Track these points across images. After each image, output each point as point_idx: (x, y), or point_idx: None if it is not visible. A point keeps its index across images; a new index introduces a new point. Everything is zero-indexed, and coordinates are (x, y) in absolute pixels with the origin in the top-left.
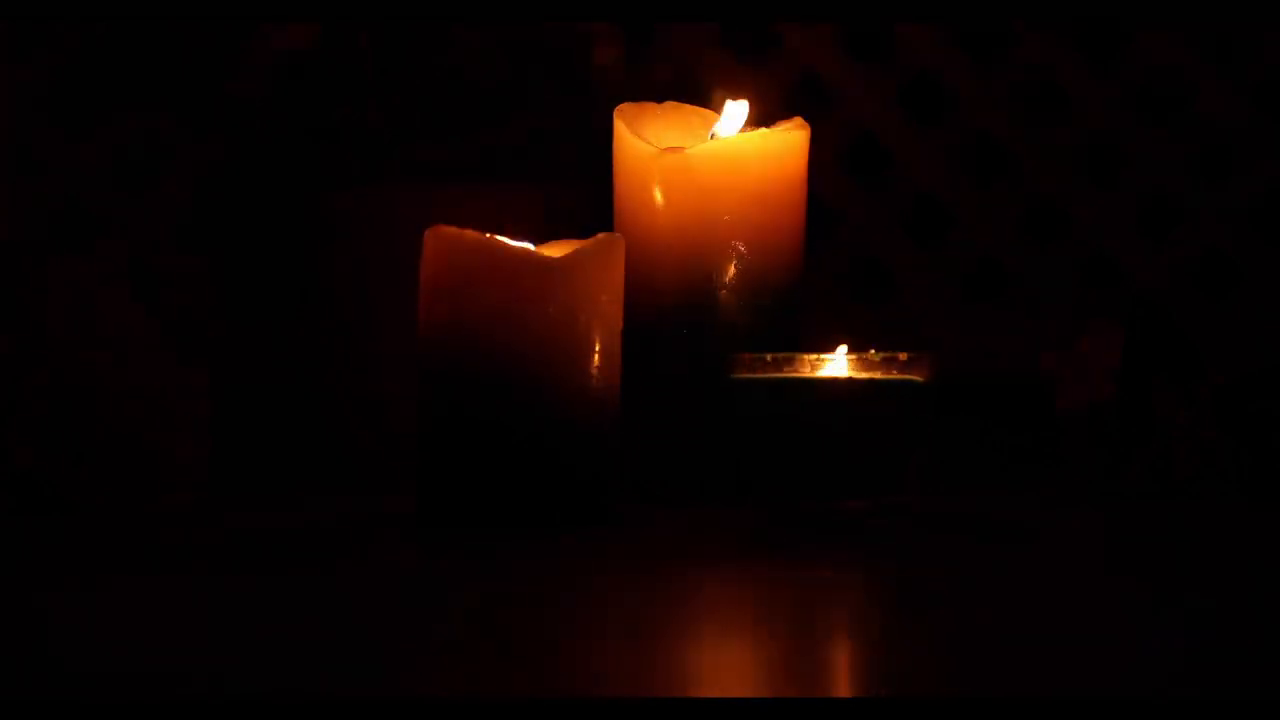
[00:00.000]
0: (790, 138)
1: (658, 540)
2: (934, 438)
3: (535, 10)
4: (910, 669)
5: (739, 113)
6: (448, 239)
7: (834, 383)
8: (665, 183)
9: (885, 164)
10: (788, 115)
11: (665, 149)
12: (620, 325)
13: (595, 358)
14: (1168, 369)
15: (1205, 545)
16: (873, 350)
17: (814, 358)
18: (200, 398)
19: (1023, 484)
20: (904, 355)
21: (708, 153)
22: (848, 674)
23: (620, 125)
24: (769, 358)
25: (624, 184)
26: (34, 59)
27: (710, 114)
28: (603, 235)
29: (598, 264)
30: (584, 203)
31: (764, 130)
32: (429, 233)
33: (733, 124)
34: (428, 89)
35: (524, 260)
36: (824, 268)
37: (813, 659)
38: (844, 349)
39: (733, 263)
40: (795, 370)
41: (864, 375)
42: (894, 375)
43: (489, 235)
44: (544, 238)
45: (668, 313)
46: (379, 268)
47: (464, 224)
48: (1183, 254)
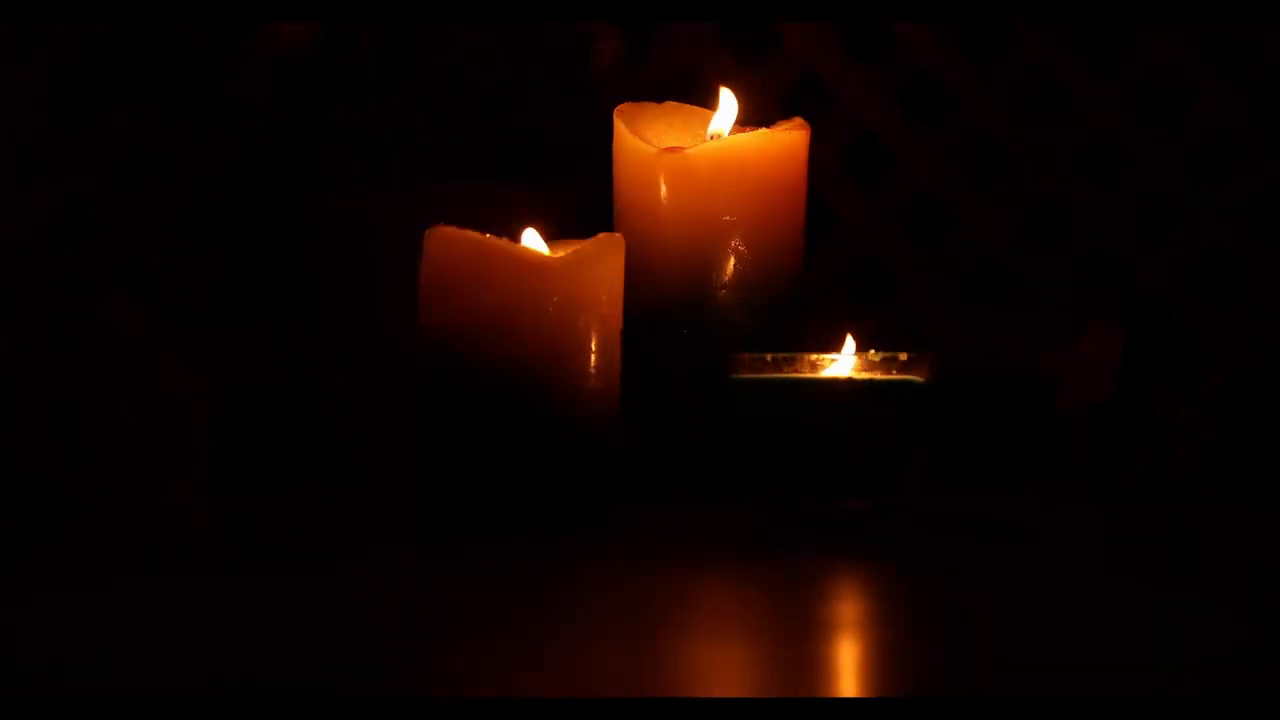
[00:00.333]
0: (790, 138)
1: (657, 540)
2: (934, 438)
3: (535, 10)
4: (910, 669)
5: (731, 103)
6: (448, 239)
7: (834, 383)
8: (665, 183)
9: (885, 164)
10: (788, 115)
11: (665, 149)
12: (620, 325)
13: (595, 358)
14: (1168, 369)
15: (1205, 545)
16: (873, 350)
17: (814, 358)
18: (200, 398)
19: (1023, 484)
20: (904, 355)
21: (708, 153)
22: (847, 674)
23: (620, 125)
24: (769, 358)
25: (624, 184)
26: (34, 59)
27: (710, 114)
28: (603, 235)
29: (598, 264)
30: (584, 202)
31: (764, 130)
32: (429, 233)
33: (727, 113)
34: (428, 89)
35: (524, 260)
36: (824, 268)
37: (813, 659)
38: (851, 343)
39: (733, 263)
40: (795, 370)
41: (864, 375)
42: (894, 375)
43: (489, 235)
44: (544, 238)
45: (668, 313)
46: (379, 268)
47: (464, 224)
48: (1183, 254)
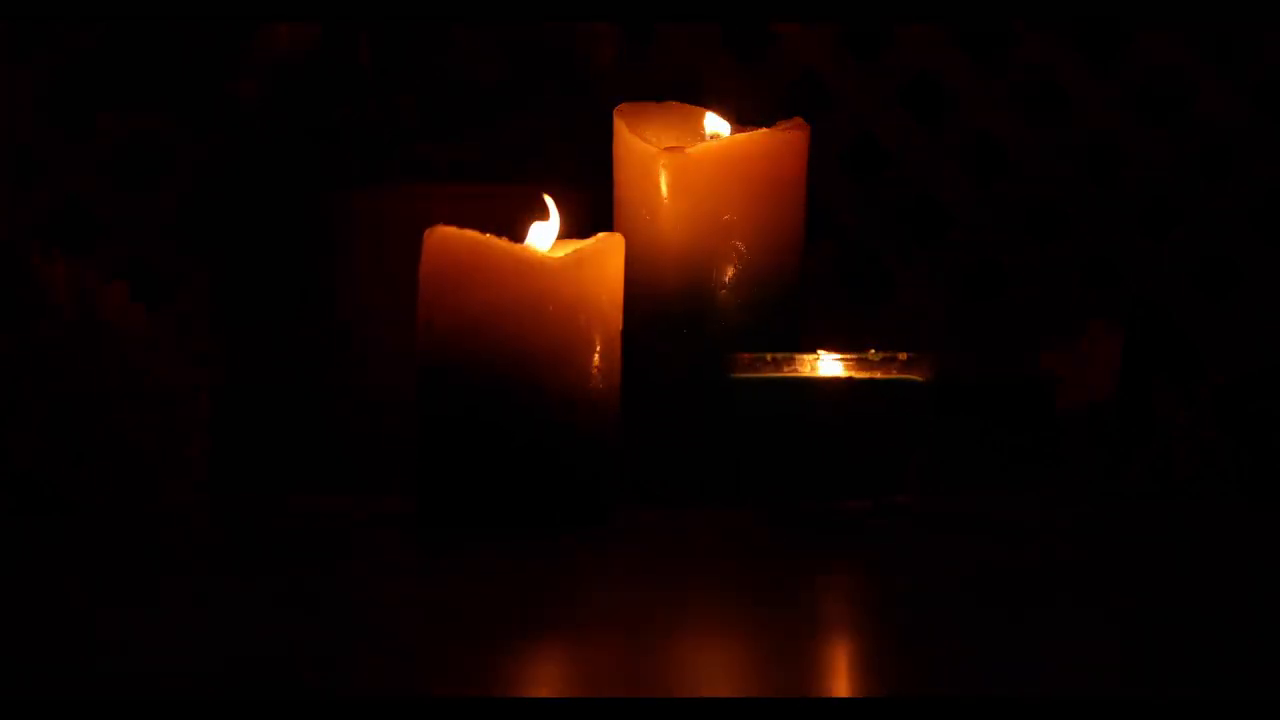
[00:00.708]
0: (790, 137)
1: (657, 540)
2: (934, 438)
3: (535, 10)
4: (910, 669)
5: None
6: (447, 239)
7: (834, 383)
8: (665, 183)
9: (885, 164)
10: (788, 115)
11: (665, 149)
12: (620, 325)
13: (595, 358)
14: (1168, 369)
15: (1205, 545)
16: (873, 350)
17: (814, 358)
18: (200, 398)
19: (1023, 484)
20: (904, 355)
21: (708, 152)
22: (847, 674)
23: (620, 125)
24: (769, 358)
25: (624, 184)
26: (34, 59)
27: (710, 114)
28: (602, 235)
29: (598, 264)
30: (584, 203)
31: (764, 130)
32: (429, 233)
33: (720, 124)
34: (428, 89)
35: (523, 260)
36: (824, 268)
37: (813, 659)
38: (823, 354)
39: (733, 263)
40: (795, 370)
41: (864, 375)
42: (894, 375)
43: (489, 235)
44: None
45: (668, 313)
46: (378, 268)
47: (464, 224)
48: (1183, 254)
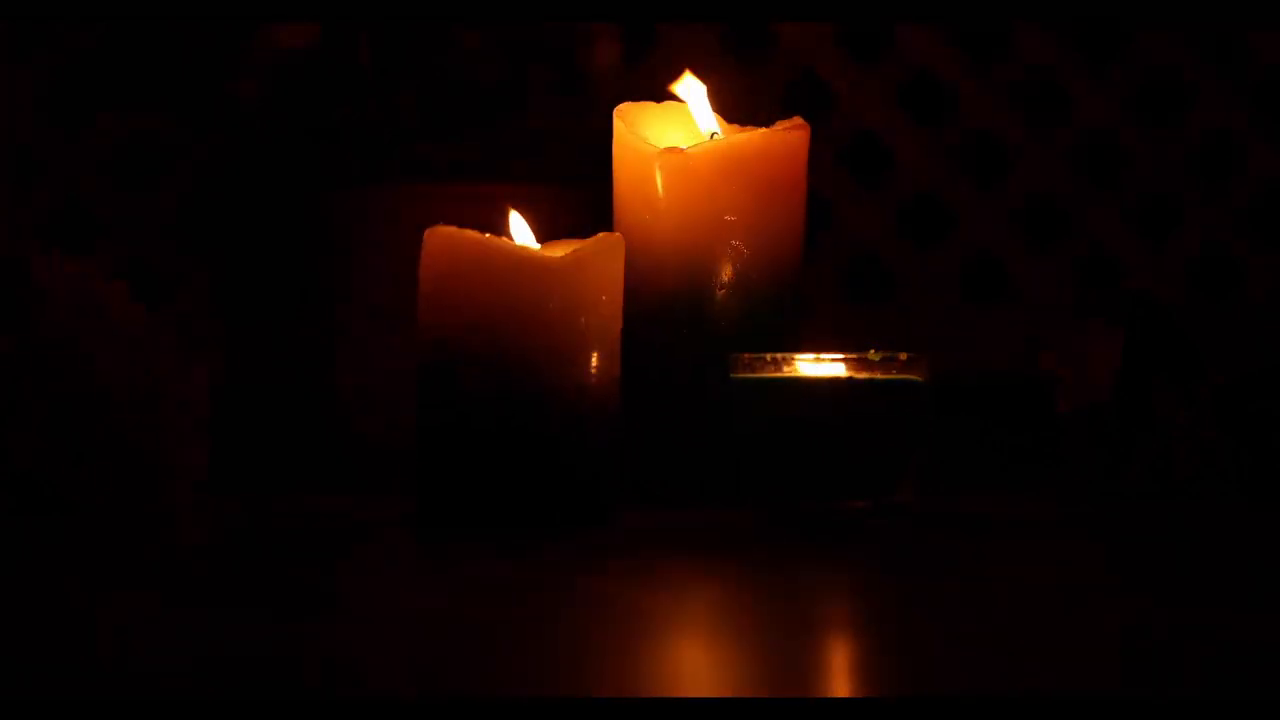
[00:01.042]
0: (790, 138)
1: (657, 540)
2: (934, 438)
3: (535, 10)
4: (910, 669)
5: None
6: (447, 239)
7: (834, 383)
8: (665, 183)
9: (885, 164)
10: (787, 115)
11: (665, 149)
12: (620, 325)
13: (595, 358)
14: (1168, 369)
15: (1205, 545)
16: (872, 350)
17: (814, 358)
18: (200, 398)
19: (1023, 484)
20: (904, 355)
21: (708, 152)
22: (847, 674)
23: (620, 125)
24: (769, 358)
25: (624, 184)
26: (34, 59)
27: (710, 114)
28: (603, 235)
29: (598, 264)
30: (584, 203)
31: (764, 130)
32: (429, 233)
33: (698, 103)
34: (428, 89)
35: (523, 260)
36: (823, 268)
37: (813, 659)
38: (823, 354)
39: (733, 262)
40: (795, 370)
41: (864, 375)
42: (894, 375)
43: (488, 235)
44: (544, 237)
45: (668, 313)
46: (379, 268)
47: (464, 224)
48: (1183, 254)
